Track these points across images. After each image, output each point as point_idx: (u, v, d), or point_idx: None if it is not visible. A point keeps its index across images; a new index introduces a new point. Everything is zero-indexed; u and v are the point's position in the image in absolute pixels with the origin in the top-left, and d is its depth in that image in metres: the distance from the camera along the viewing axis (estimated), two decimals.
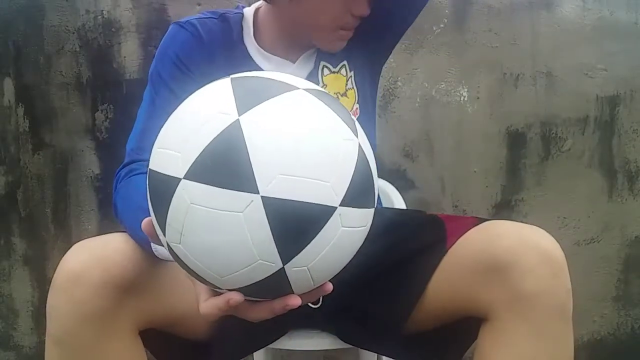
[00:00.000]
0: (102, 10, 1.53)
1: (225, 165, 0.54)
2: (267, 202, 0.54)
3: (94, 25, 1.53)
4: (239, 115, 0.56)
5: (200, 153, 0.55)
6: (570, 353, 0.83)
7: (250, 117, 0.56)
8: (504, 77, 1.58)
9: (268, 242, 0.55)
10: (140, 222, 0.76)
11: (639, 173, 1.65)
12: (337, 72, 1.04)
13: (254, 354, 1.13)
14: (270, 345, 1.00)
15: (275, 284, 0.58)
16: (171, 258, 0.74)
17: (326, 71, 1.03)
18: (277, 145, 0.55)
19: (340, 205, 0.57)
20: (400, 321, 0.91)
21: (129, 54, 1.54)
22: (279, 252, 0.56)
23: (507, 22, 1.56)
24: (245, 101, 0.57)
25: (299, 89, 0.60)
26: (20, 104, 1.58)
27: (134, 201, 0.82)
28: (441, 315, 0.90)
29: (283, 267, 0.57)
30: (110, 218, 1.55)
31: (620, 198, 1.64)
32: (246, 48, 1.02)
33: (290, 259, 0.56)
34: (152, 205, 0.62)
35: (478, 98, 1.57)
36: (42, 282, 1.64)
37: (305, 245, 0.56)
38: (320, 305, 0.94)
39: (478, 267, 0.82)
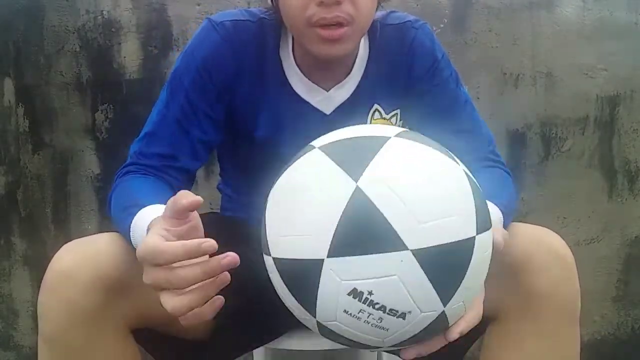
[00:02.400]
0: (102, 11, 1.53)
1: (365, 233, 0.55)
2: (418, 254, 0.55)
3: (94, 25, 1.53)
4: (356, 182, 0.57)
5: (336, 229, 0.56)
6: (576, 355, 0.83)
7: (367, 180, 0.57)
8: (504, 77, 1.58)
9: (427, 291, 0.57)
10: (131, 222, 0.76)
11: (639, 173, 1.65)
12: (388, 120, 1.00)
13: (254, 353, 1.13)
14: (270, 345, 1.00)
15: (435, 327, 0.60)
16: None
17: (377, 115, 0.99)
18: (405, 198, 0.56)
19: (477, 233, 0.59)
20: None
21: (129, 54, 1.54)
22: (439, 297, 0.57)
23: (507, 22, 1.56)
24: (352, 166, 0.58)
25: (390, 137, 0.61)
26: (20, 104, 1.58)
27: (126, 200, 0.82)
28: None
29: (444, 310, 0.59)
30: (110, 218, 1.55)
31: (620, 198, 1.64)
32: (280, 62, 0.93)
33: (449, 300, 0.58)
34: (291, 289, 0.62)
35: (478, 98, 1.56)
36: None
37: (460, 283, 0.58)
38: None
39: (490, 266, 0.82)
